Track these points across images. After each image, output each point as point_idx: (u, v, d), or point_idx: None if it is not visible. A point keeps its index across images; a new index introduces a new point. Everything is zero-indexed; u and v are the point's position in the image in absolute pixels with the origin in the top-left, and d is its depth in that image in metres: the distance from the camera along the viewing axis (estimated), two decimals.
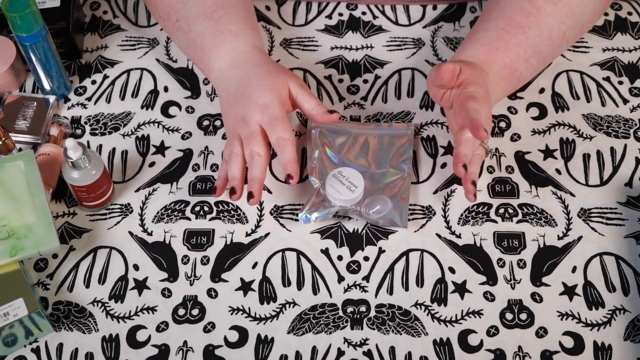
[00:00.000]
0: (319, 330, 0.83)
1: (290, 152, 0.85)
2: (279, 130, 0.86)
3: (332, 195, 0.88)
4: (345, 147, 0.93)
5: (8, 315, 0.78)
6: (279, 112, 0.87)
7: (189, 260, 0.88)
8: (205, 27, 0.92)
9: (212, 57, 0.92)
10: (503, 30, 0.90)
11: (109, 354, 0.82)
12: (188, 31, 0.94)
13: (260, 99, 0.87)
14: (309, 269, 0.87)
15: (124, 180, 0.94)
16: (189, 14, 0.93)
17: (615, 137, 0.96)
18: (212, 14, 0.92)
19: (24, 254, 0.82)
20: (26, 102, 0.98)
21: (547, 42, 0.91)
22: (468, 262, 0.87)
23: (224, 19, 0.92)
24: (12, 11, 0.88)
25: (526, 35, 0.90)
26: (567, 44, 0.95)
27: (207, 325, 0.84)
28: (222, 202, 0.91)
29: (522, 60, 0.91)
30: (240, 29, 0.92)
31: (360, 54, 1.04)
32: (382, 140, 0.94)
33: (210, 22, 0.92)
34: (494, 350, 0.82)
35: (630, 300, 0.84)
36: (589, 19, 0.95)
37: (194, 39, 0.93)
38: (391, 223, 0.88)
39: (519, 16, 0.91)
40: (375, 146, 0.94)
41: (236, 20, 0.93)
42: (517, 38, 0.90)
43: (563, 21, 0.91)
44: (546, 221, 0.89)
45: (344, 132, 0.95)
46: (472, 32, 0.94)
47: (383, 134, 0.95)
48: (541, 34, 0.91)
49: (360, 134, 0.95)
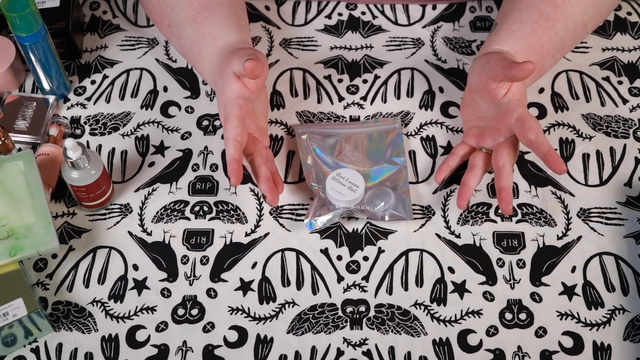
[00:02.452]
0: (318, 330, 0.83)
1: (228, 152, 0.83)
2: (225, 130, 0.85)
3: (335, 197, 0.87)
4: (337, 149, 0.93)
5: (7, 315, 0.78)
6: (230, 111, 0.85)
7: (188, 260, 0.88)
8: (190, 32, 0.92)
9: (199, 67, 0.93)
10: (536, 24, 0.91)
11: (109, 354, 0.82)
12: (178, 37, 0.94)
13: (220, 104, 0.88)
14: (309, 269, 0.87)
15: (123, 180, 0.94)
16: (177, 18, 0.93)
17: (614, 137, 0.96)
18: (196, 17, 0.92)
19: (23, 254, 0.82)
20: (26, 102, 0.98)
21: (571, 36, 0.92)
22: (467, 262, 0.87)
23: (205, 22, 0.91)
24: (12, 11, 0.88)
25: (555, 30, 0.91)
26: (586, 35, 0.96)
27: (206, 325, 0.84)
28: (221, 202, 0.91)
29: (549, 57, 0.92)
30: (219, 29, 0.91)
31: (360, 54, 1.04)
32: (372, 137, 0.94)
33: (194, 25, 0.92)
34: (494, 350, 0.82)
35: (630, 300, 0.84)
36: (607, 7, 0.95)
37: (184, 45, 0.94)
38: (396, 217, 0.88)
39: (548, 7, 0.91)
40: (366, 144, 0.94)
41: (218, 20, 0.92)
42: (548, 33, 0.90)
43: (586, 12, 0.92)
44: (546, 221, 0.89)
45: (333, 134, 0.95)
46: (506, 21, 0.92)
47: (372, 130, 0.95)
48: (567, 27, 0.91)
49: (349, 134, 0.94)
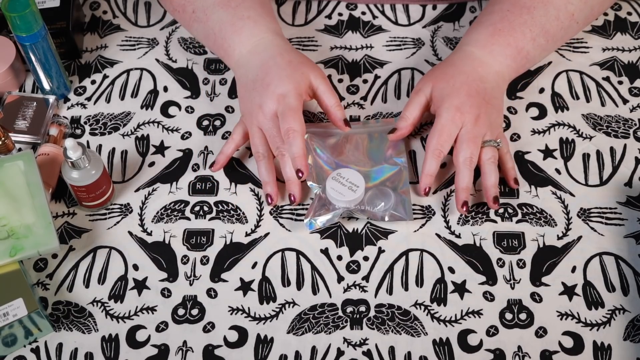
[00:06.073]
0: (318, 330, 0.83)
1: (299, 146, 0.85)
2: (289, 121, 0.85)
3: (335, 197, 0.87)
4: (338, 148, 0.93)
5: (8, 315, 0.78)
6: (294, 103, 0.86)
7: (188, 260, 0.88)
8: (223, 15, 0.93)
9: (232, 43, 0.93)
10: (508, 12, 0.91)
11: (109, 354, 0.82)
12: (205, 21, 0.94)
13: (278, 88, 0.87)
14: (309, 269, 0.87)
15: (123, 180, 0.94)
16: (205, 4, 0.94)
17: (614, 137, 0.96)
18: (229, 2, 0.93)
19: (23, 254, 0.82)
20: (26, 102, 0.98)
21: (554, 22, 0.92)
22: (468, 262, 0.87)
23: (241, 7, 0.93)
24: (12, 11, 0.88)
25: (532, 15, 0.91)
26: (579, 26, 0.95)
27: (206, 325, 0.84)
28: (221, 202, 0.91)
29: (528, 39, 0.91)
30: (258, 14, 0.93)
31: (360, 54, 1.04)
32: (372, 137, 0.94)
33: (228, 9, 0.93)
34: (494, 350, 0.82)
35: (630, 300, 0.84)
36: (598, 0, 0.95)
37: (212, 28, 0.94)
38: (396, 217, 0.88)
39: None
40: (367, 144, 0.94)
41: (253, 7, 0.93)
42: (522, 18, 0.91)
43: (570, 1, 0.92)
44: (546, 221, 0.89)
45: (333, 134, 0.94)
46: (478, 17, 0.95)
47: (372, 130, 0.95)
48: (547, 13, 0.91)
49: (350, 134, 0.94)
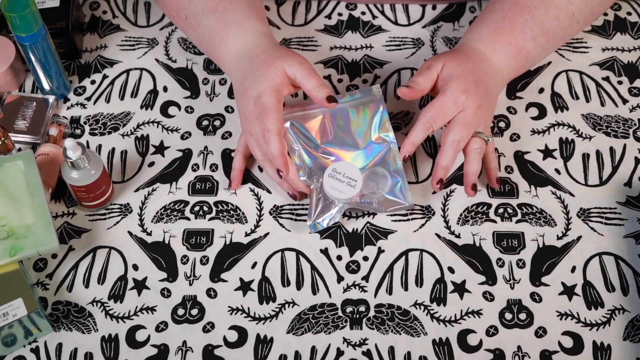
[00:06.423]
0: (318, 330, 0.83)
1: (275, 145, 0.84)
2: (263, 121, 0.84)
3: (335, 196, 0.87)
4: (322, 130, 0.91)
5: (7, 315, 0.78)
6: (268, 102, 0.85)
7: (188, 260, 0.88)
8: (211, 21, 0.93)
9: (221, 52, 0.93)
10: (509, 11, 0.92)
11: (109, 354, 0.82)
12: (197, 27, 0.94)
13: (254, 91, 0.86)
14: (309, 268, 0.87)
15: (123, 180, 0.94)
16: (196, 9, 0.94)
17: (614, 137, 0.96)
18: (217, 7, 0.93)
19: (23, 254, 0.82)
20: (25, 102, 0.98)
21: (554, 22, 0.92)
22: (467, 262, 0.87)
23: (228, 11, 0.92)
24: (12, 11, 0.88)
25: (532, 15, 0.91)
26: (579, 26, 0.95)
27: (206, 325, 0.84)
28: (221, 202, 0.91)
29: (529, 39, 0.91)
30: (245, 17, 0.92)
31: (360, 54, 1.04)
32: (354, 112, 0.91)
33: (216, 15, 0.93)
34: (493, 350, 0.82)
35: (630, 300, 0.84)
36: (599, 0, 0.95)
37: (204, 35, 0.94)
38: (395, 204, 0.88)
39: None
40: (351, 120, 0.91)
41: (241, 10, 0.93)
42: (523, 17, 0.91)
43: (571, 1, 0.92)
44: (545, 221, 0.89)
45: (314, 115, 0.92)
46: (479, 15, 0.95)
47: (356, 103, 0.92)
48: (548, 13, 0.91)
49: (328, 112, 0.91)
